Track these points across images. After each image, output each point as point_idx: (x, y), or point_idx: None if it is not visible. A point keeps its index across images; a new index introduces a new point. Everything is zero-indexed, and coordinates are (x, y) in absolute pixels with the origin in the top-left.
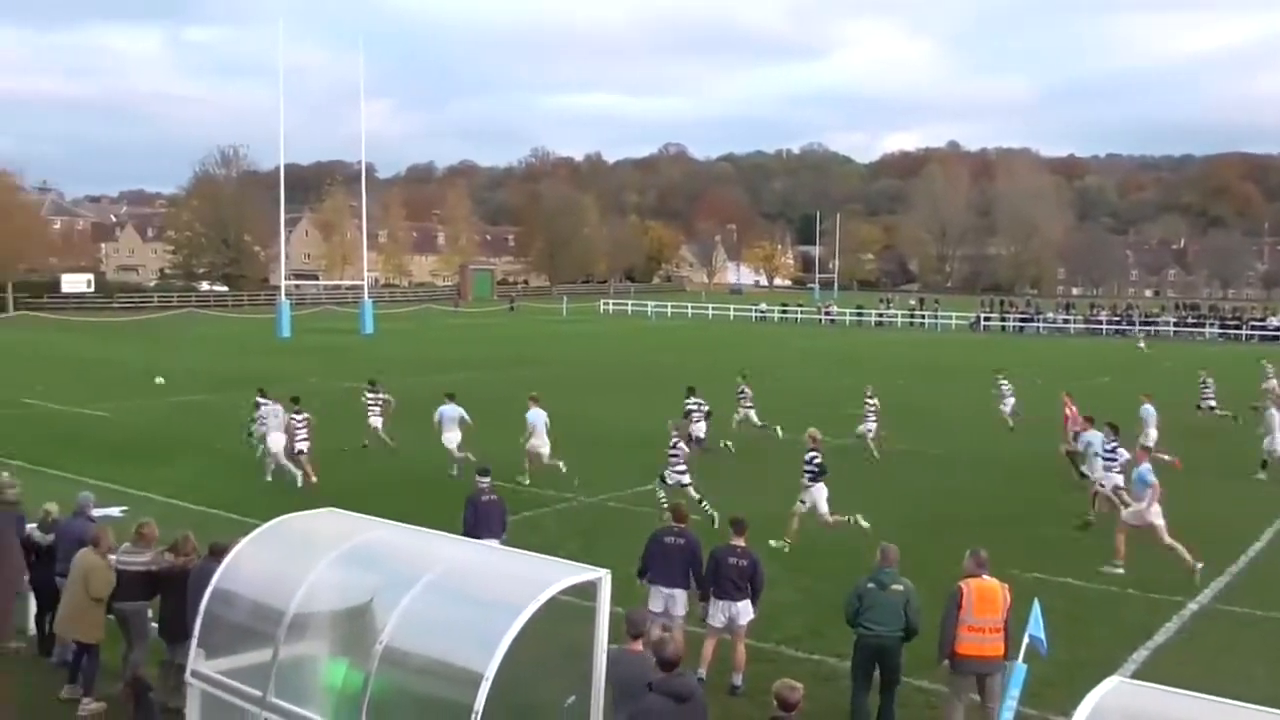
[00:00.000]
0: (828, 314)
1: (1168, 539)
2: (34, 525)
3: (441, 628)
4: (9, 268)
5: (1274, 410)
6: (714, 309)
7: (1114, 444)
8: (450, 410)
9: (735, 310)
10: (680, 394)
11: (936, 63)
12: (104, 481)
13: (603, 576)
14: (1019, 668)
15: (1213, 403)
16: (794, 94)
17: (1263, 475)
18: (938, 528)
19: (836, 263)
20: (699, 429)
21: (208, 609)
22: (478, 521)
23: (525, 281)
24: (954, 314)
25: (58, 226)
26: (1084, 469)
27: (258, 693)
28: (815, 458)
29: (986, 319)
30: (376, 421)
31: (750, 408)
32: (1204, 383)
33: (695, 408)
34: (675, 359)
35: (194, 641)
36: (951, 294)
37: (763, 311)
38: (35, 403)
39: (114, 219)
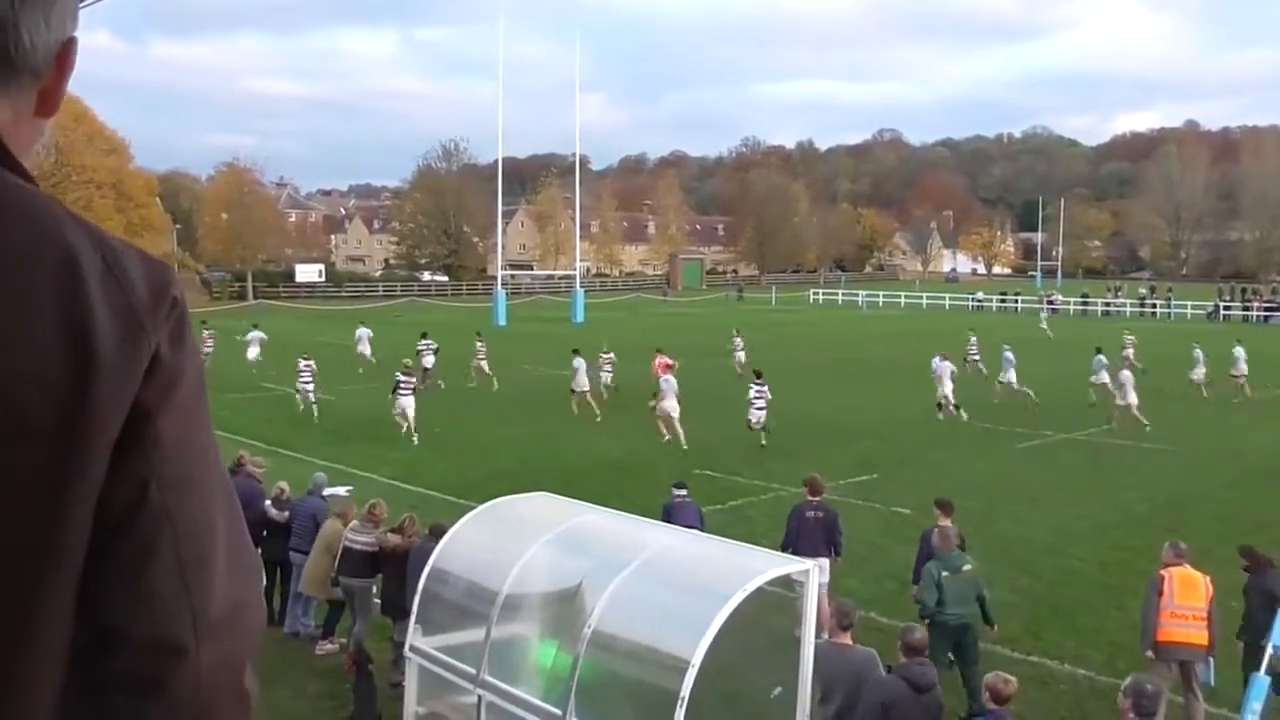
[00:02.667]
0: (1050, 303)
1: (677, 427)
2: (268, 502)
3: (649, 613)
4: (250, 259)
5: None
6: (928, 298)
7: (761, 385)
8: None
9: (951, 299)
10: (896, 385)
11: (1177, 38)
12: (331, 462)
13: (811, 569)
14: (1261, 680)
15: (976, 357)
16: (1016, 76)
17: None
18: (1174, 529)
19: (1060, 250)
20: (429, 361)
21: (425, 587)
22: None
23: (735, 271)
24: (1189, 303)
25: (292, 219)
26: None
27: (472, 670)
28: (410, 382)
29: (1226, 308)
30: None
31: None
32: (971, 341)
33: (424, 347)
34: (887, 349)
35: (412, 618)
36: (1187, 282)
37: (979, 300)
38: (272, 386)
39: (343, 211)
